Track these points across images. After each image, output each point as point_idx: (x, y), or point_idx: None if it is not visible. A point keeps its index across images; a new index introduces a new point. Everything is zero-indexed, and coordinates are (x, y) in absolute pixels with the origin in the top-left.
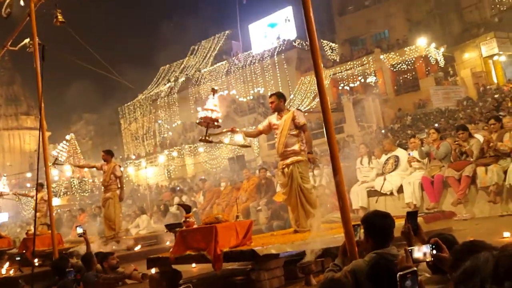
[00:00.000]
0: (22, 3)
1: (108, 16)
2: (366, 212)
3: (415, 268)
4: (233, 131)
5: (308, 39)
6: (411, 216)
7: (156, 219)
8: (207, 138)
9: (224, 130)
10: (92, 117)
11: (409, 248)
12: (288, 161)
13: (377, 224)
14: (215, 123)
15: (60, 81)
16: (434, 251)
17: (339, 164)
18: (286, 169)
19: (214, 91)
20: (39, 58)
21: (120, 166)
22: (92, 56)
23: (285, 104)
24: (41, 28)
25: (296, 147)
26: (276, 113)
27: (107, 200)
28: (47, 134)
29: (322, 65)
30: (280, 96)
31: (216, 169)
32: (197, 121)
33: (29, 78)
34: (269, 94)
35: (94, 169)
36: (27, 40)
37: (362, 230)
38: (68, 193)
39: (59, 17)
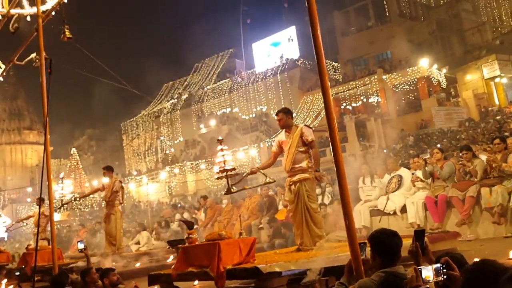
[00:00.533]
0: (29, 18)
1: (114, 32)
2: (373, 231)
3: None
4: (252, 173)
5: (315, 58)
6: (419, 234)
7: (156, 236)
8: (231, 189)
9: (244, 175)
10: (94, 132)
11: (419, 267)
12: (295, 178)
13: (386, 242)
14: (233, 171)
15: (64, 96)
16: (445, 270)
17: (346, 182)
18: (293, 186)
19: (219, 141)
20: (45, 72)
21: (121, 182)
22: (99, 71)
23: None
24: (47, 42)
25: (304, 164)
26: (283, 130)
27: (109, 215)
28: (49, 149)
29: (329, 84)
30: (287, 112)
31: (218, 186)
32: (216, 177)
33: (33, 93)
34: (272, 112)
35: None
36: (33, 55)
37: (368, 249)
38: (68, 208)
39: (66, 33)
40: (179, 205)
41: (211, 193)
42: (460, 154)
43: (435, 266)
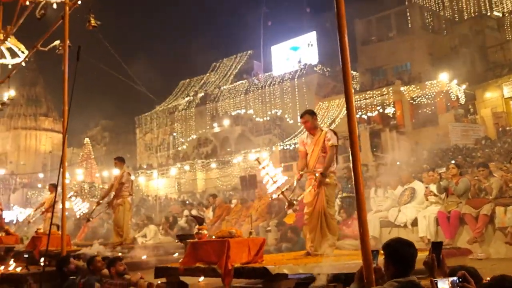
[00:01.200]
0: (55, 6)
1: (136, 27)
2: (389, 239)
3: None
4: (299, 179)
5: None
6: (436, 246)
7: (163, 231)
8: (293, 203)
9: (295, 184)
10: (109, 123)
11: (435, 279)
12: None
13: (401, 251)
14: (285, 187)
15: (82, 85)
16: (461, 284)
17: (362, 190)
18: (313, 190)
19: (258, 160)
20: (68, 59)
21: (129, 174)
22: (117, 64)
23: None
24: (72, 31)
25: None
26: (307, 132)
27: (118, 206)
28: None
29: (352, 92)
30: (313, 114)
31: (227, 186)
32: (274, 196)
33: (52, 80)
34: (287, 116)
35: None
36: (57, 42)
37: (380, 257)
38: (78, 197)
39: (92, 21)
40: (187, 202)
41: (220, 193)
42: (477, 171)
43: (451, 279)
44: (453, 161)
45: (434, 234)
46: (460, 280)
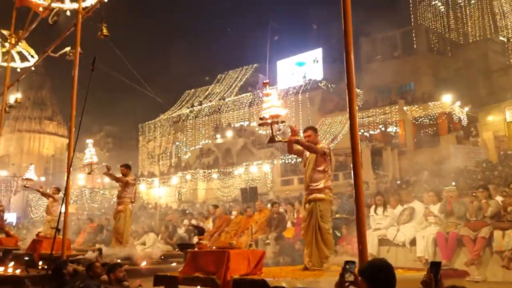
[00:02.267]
0: (68, 13)
1: (146, 36)
2: (372, 258)
3: None
4: (293, 134)
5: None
6: (435, 266)
7: (162, 239)
8: (275, 137)
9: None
10: (112, 129)
11: None
12: (311, 197)
13: (384, 275)
14: (279, 120)
15: (87, 89)
16: None
17: (363, 206)
18: (307, 205)
19: (266, 83)
20: (77, 67)
21: (134, 179)
22: (124, 69)
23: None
24: (83, 38)
25: (321, 184)
26: None
27: (119, 212)
28: (66, 141)
29: (356, 109)
30: (315, 130)
31: (227, 197)
32: (259, 123)
33: (58, 84)
34: (289, 131)
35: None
36: (68, 49)
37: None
38: (78, 201)
39: (104, 30)
40: (187, 212)
41: (220, 204)
42: (476, 191)
43: None
44: (453, 183)
45: (432, 254)
46: None
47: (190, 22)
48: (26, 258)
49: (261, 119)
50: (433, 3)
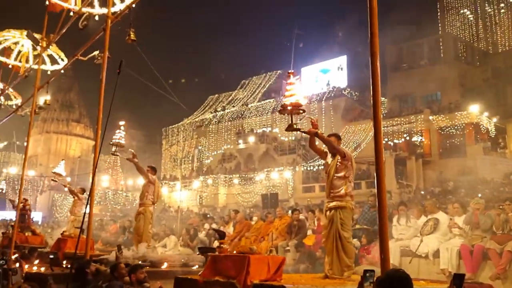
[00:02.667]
0: (97, 18)
1: (172, 41)
2: (390, 269)
3: None
4: (313, 127)
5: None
6: (458, 278)
7: (183, 242)
8: (294, 126)
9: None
10: (136, 133)
11: None
12: (332, 205)
13: (402, 287)
14: (300, 109)
15: (111, 92)
16: None
17: (386, 216)
18: (328, 212)
19: (291, 73)
20: (105, 70)
21: (155, 180)
22: (151, 74)
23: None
24: (112, 42)
25: (342, 191)
26: (330, 154)
27: (139, 214)
28: (92, 143)
29: (381, 117)
30: (338, 137)
31: (248, 203)
32: (279, 110)
33: (86, 87)
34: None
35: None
36: (96, 52)
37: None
38: (102, 203)
39: (131, 35)
40: (208, 216)
41: (241, 209)
42: (503, 204)
43: None
44: (479, 195)
45: (456, 267)
46: None
47: (218, 28)
48: (51, 257)
49: (282, 106)
50: (462, 11)
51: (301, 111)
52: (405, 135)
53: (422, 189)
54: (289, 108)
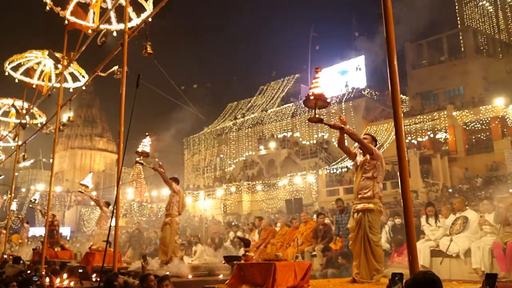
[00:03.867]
0: (115, 34)
1: (188, 52)
2: (418, 272)
3: None
4: (342, 123)
5: (386, 89)
6: (491, 278)
7: (209, 251)
8: (317, 116)
9: (332, 122)
10: (158, 144)
11: None
12: (359, 206)
13: None
14: (324, 101)
15: (132, 106)
16: None
17: (412, 217)
18: (356, 215)
19: (318, 69)
20: (125, 84)
21: (179, 190)
22: (167, 84)
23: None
24: (130, 57)
25: (369, 193)
26: (361, 152)
27: (165, 225)
28: (115, 156)
29: (402, 116)
30: (374, 139)
31: (272, 209)
32: (303, 100)
33: (107, 102)
34: (334, 140)
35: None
36: (115, 67)
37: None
38: (127, 215)
39: (148, 48)
40: (233, 224)
41: (265, 215)
42: None
43: None
44: (510, 190)
45: (488, 266)
46: None
47: (229, 38)
48: (80, 271)
49: (305, 97)
50: (480, 3)
51: (326, 103)
52: (428, 133)
53: (449, 187)
54: (311, 98)
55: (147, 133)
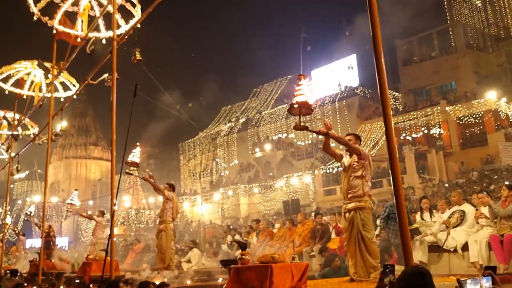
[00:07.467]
0: (104, 41)
1: (178, 56)
2: (409, 267)
3: None
4: (327, 128)
5: (377, 87)
6: (490, 270)
7: (207, 256)
8: (302, 124)
9: (317, 129)
10: (154, 151)
11: (462, 279)
12: (350, 206)
13: (418, 282)
14: (308, 108)
15: (127, 114)
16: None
17: (405, 213)
18: (347, 214)
19: (300, 76)
20: (115, 93)
21: (172, 197)
22: (159, 91)
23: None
24: (120, 64)
25: (360, 191)
26: (348, 153)
27: (160, 232)
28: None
29: (391, 114)
30: (358, 138)
31: (270, 211)
32: (287, 109)
33: (100, 110)
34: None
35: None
36: (106, 75)
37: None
38: (125, 223)
39: (137, 55)
40: (231, 227)
41: (263, 217)
42: None
43: (481, 278)
44: (506, 182)
45: (486, 259)
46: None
47: (221, 40)
48: (77, 281)
49: (290, 105)
50: None
51: (310, 110)
52: (423, 129)
53: (445, 181)
54: (295, 106)
55: (137, 143)
